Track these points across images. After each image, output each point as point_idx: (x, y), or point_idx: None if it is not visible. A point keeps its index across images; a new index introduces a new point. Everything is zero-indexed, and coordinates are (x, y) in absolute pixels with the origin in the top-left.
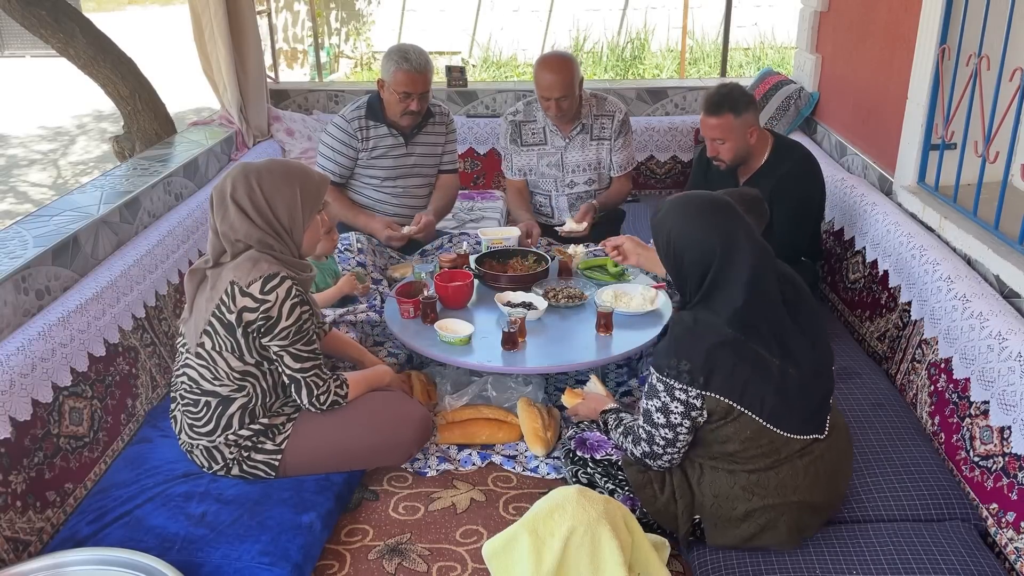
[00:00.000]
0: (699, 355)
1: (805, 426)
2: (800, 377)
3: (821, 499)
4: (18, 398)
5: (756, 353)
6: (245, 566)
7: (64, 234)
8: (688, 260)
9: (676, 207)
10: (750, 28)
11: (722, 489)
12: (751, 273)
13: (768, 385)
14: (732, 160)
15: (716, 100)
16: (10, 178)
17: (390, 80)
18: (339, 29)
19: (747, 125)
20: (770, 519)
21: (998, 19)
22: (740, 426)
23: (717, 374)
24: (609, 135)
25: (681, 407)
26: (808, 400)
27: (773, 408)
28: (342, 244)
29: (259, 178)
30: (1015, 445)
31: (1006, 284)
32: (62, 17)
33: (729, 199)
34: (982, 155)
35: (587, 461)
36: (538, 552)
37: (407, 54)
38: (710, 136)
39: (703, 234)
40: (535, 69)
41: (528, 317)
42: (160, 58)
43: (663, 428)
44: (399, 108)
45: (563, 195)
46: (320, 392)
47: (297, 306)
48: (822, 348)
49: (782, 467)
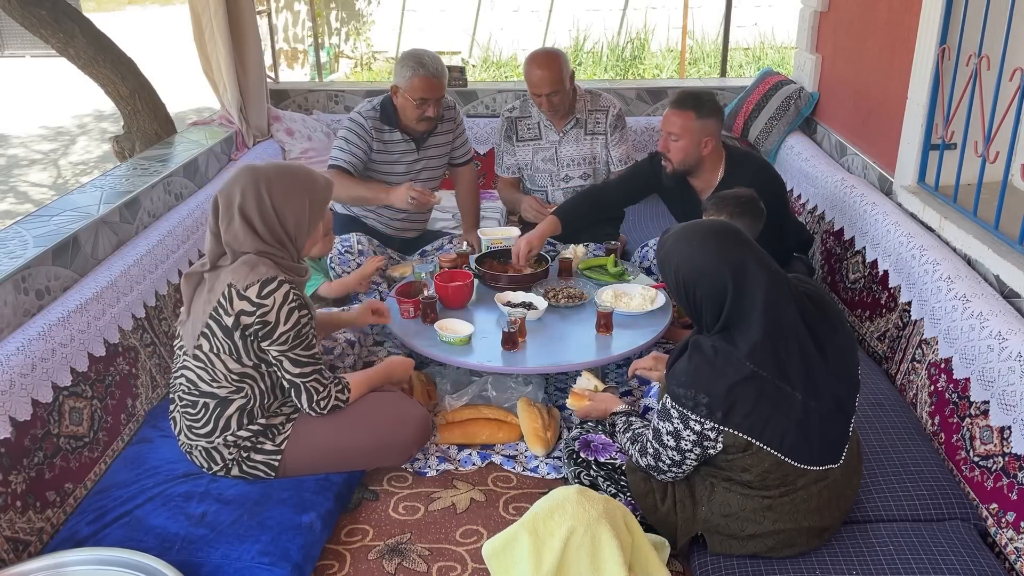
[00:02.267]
0: (719, 391)
1: (823, 457)
2: (821, 410)
3: (828, 522)
4: (18, 398)
5: (777, 388)
6: (245, 566)
7: (64, 234)
8: (700, 296)
9: (681, 239)
10: (750, 28)
11: (733, 510)
12: (765, 301)
13: (789, 421)
14: (678, 162)
15: (683, 97)
16: (10, 178)
17: (405, 86)
18: (339, 29)
19: (705, 132)
20: (777, 541)
21: (998, 19)
22: (758, 459)
23: (737, 412)
24: (604, 130)
25: (694, 436)
26: (830, 432)
27: (794, 444)
28: (342, 246)
29: (269, 187)
30: (1015, 445)
31: (1006, 284)
32: (62, 17)
33: (732, 224)
34: (982, 155)
35: (591, 463)
36: (538, 552)
37: (423, 60)
38: (666, 130)
39: (713, 267)
40: (524, 66)
41: (528, 317)
42: (160, 58)
43: (671, 451)
44: (415, 114)
45: (559, 190)
46: (320, 397)
47: (295, 310)
48: (847, 377)
49: (797, 493)
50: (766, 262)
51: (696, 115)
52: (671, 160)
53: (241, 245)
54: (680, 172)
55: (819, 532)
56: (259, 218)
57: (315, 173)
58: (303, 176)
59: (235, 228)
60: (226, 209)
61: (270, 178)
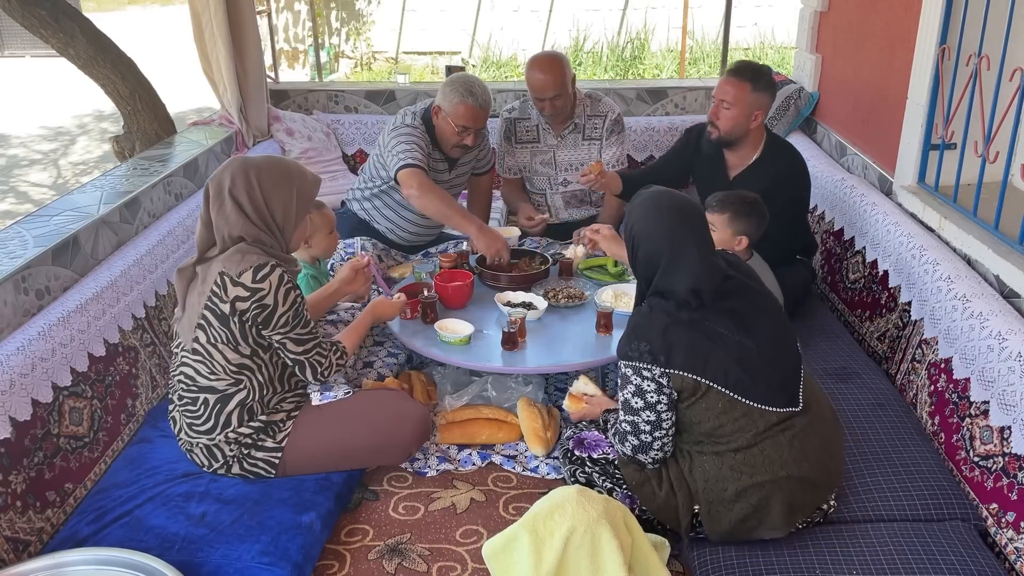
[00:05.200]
0: (656, 335)
1: (774, 396)
2: (760, 349)
3: (813, 474)
4: (18, 398)
5: (712, 329)
6: (245, 566)
7: (64, 234)
8: (640, 254)
9: (647, 200)
10: (750, 28)
11: (711, 472)
12: (692, 285)
13: (728, 357)
14: (727, 131)
15: (743, 66)
16: (10, 178)
17: (450, 111)
18: (339, 29)
19: (757, 105)
20: (762, 497)
21: (998, 19)
22: (710, 401)
23: (676, 351)
24: (600, 135)
25: (653, 385)
26: (773, 370)
27: (738, 379)
28: (346, 251)
29: (259, 175)
30: (1015, 445)
31: (1006, 284)
32: (62, 17)
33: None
34: (982, 155)
35: (584, 460)
36: (538, 552)
37: (472, 88)
38: (720, 97)
39: (657, 237)
40: (526, 71)
41: (528, 317)
42: (160, 58)
43: (644, 412)
44: (454, 140)
45: (557, 193)
46: (324, 368)
47: (291, 290)
48: (781, 326)
49: (764, 443)
50: (706, 251)
51: (752, 87)
52: (718, 127)
53: (232, 228)
54: (724, 140)
55: (805, 486)
56: (249, 202)
57: (305, 168)
58: (292, 167)
59: (227, 211)
60: (216, 194)
61: (259, 167)
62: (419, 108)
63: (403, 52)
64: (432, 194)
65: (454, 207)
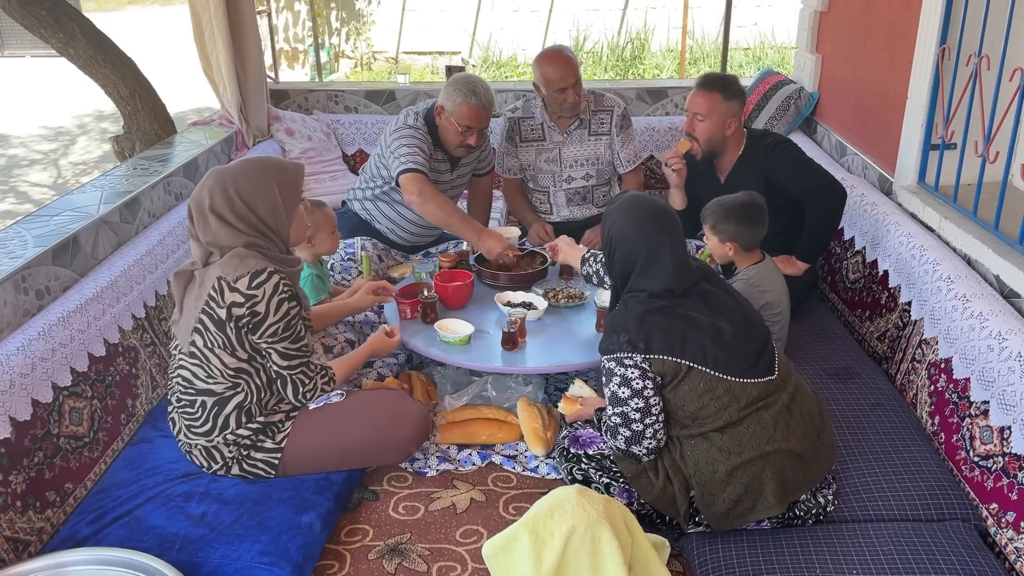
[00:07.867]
0: (632, 324)
1: (752, 369)
2: (733, 328)
3: (801, 448)
4: (18, 398)
5: (685, 314)
6: (245, 566)
7: (64, 234)
8: (618, 255)
9: (628, 205)
10: (750, 28)
11: (701, 454)
12: (665, 284)
13: (704, 337)
14: (705, 143)
15: (710, 78)
16: (10, 178)
17: (453, 111)
18: (339, 29)
19: (730, 113)
20: (752, 475)
21: (998, 19)
22: (692, 382)
23: (654, 337)
24: (608, 130)
25: (637, 371)
26: (748, 345)
27: (715, 356)
28: (346, 253)
29: (236, 185)
30: (1015, 445)
31: (1006, 284)
32: (62, 17)
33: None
34: (982, 155)
35: (580, 457)
36: (538, 552)
37: (475, 88)
38: (693, 111)
39: (634, 240)
40: (541, 66)
41: (528, 317)
42: (160, 58)
43: (632, 400)
44: (456, 140)
45: (560, 191)
46: (307, 389)
47: (284, 302)
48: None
49: (748, 419)
50: (681, 257)
51: (723, 96)
52: (697, 139)
53: (223, 241)
54: (708, 154)
55: (798, 462)
56: (232, 214)
57: (283, 160)
58: (268, 164)
59: (212, 228)
60: (199, 214)
61: (235, 175)
62: (421, 108)
63: (403, 52)
64: (433, 201)
65: (455, 213)
